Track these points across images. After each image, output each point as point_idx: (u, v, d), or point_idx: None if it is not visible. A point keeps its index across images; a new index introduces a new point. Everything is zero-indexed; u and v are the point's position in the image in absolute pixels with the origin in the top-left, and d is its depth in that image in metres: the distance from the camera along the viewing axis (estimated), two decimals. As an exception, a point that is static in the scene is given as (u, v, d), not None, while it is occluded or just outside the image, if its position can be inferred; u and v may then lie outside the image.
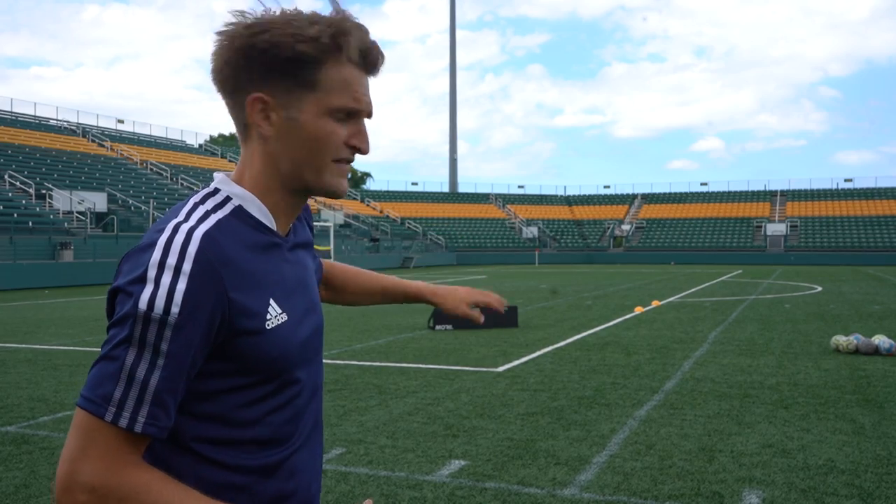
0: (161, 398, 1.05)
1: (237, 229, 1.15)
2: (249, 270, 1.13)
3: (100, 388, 1.04)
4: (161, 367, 1.05)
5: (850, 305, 17.52)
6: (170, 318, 1.04)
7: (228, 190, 1.20)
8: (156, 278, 1.05)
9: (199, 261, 1.06)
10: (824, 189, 66.45)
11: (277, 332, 1.16)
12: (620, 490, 4.54)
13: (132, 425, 1.04)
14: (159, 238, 1.08)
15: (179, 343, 1.05)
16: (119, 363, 1.04)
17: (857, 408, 6.66)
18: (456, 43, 76.40)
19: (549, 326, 13.18)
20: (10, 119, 47.28)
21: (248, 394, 1.16)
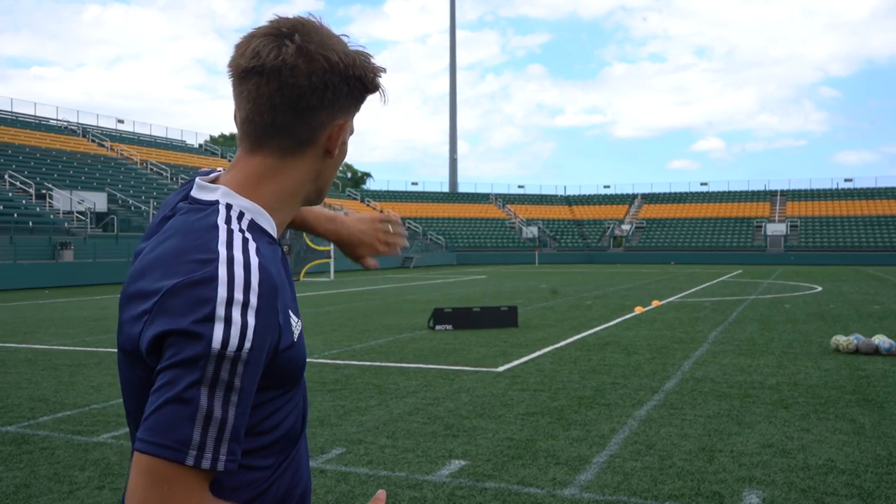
0: (237, 433, 1.05)
1: (264, 248, 1.13)
2: (283, 291, 1.14)
3: (175, 433, 1.00)
4: (236, 403, 1.03)
5: (850, 305, 17.52)
6: (243, 354, 1.03)
7: (239, 205, 1.17)
8: (226, 317, 1.02)
9: (262, 294, 1.06)
10: (824, 189, 66.44)
11: (301, 341, 1.19)
12: (620, 490, 4.54)
13: (215, 465, 1.02)
14: (218, 272, 1.04)
15: (250, 376, 1.05)
16: (193, 405, 1.01)
17: (857, 408, 6.66)
18: (456, 43, 76.49)
19: (549, 326, 13.18)
20: (10, 119, 47.27)
21: (276, 403, 1.19)
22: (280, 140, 1.17)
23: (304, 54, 1.13)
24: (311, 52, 1.13)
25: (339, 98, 1.17)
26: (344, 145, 1.24)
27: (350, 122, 1.23)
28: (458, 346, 10.53)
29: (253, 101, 1.15)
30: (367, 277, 33.81)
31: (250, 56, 1.14)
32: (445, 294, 22.39)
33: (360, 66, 1.18)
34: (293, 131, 1.17)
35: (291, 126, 1.16)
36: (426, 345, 10.77)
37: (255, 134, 1.18)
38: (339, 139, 1.20)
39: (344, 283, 29.04)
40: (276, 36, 1.14)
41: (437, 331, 12.37)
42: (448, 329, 12.49)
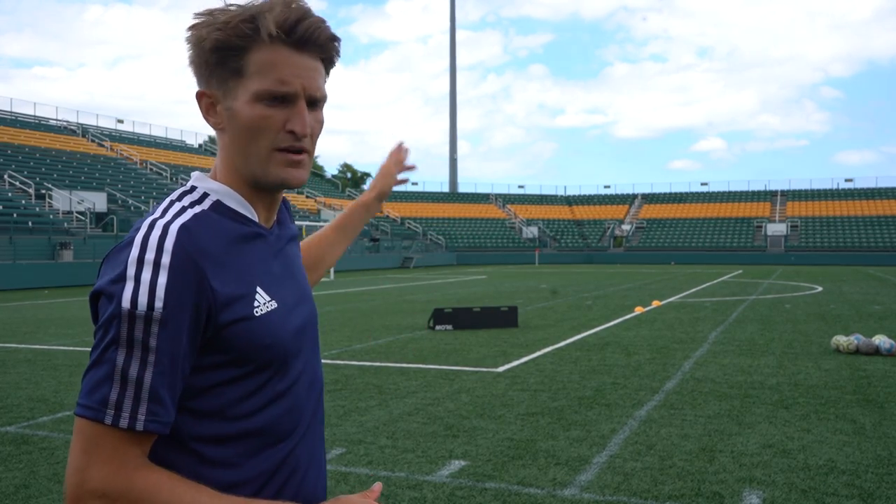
0: (157, 394, 1.04)
1: (216, 222, 1.14)
2: (232, 260, 1.12)
3: (95, 394, 1.03)
4: (153, 363, 1.04)
5: (851, 305, 17.51)
6: (154, 314, 1.03)
7: (205, 186, 1.19)
8: (135, 275, 1.04)
9: (176, 253, 1.05)
10: (825, 189, 66.43)
11: (268, 319, 1.15)
12: (620, 490, 4.53)
13: (133, 424, 1.03)
14: (136, 236, 1.08)
15: (167, 337, 1.04)
16: (110, 365, 1.03)
17: (857, 408, 6.65)
18: (456, 43, 76.51)
19: (549, 326, 13.17)
20: (10, 119, 47.26)
21: (245, 385, 1.14)
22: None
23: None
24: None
25: (196, 69, 1.17)
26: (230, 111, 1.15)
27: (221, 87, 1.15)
28: (458, 347, 10.53)
29: None
30: (367, 277, 33.82)
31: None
32: (445, 294, 22.38)
33: (196, 31, 1.15)
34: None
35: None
36: (426, 345, 10.76)
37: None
38: (204, 111, 1.18)
39: (344, 283, 29.03)
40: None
41: (437, 331, 12.37)
42: (448, 329, 12.49)
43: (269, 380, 1.17)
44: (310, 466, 1.27)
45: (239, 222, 1.17)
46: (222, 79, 1.15)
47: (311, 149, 1.20)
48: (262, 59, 1.13)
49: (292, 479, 1.22)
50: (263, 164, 1.16)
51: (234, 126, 1.15)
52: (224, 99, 1.15)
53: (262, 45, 1.13)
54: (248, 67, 1.13)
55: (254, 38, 1.12)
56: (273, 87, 1.13)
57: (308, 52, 1.16)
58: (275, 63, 1.13)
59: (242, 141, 1.16)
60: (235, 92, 1.14)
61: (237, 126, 1.15)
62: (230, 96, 1.15)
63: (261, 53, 1.13)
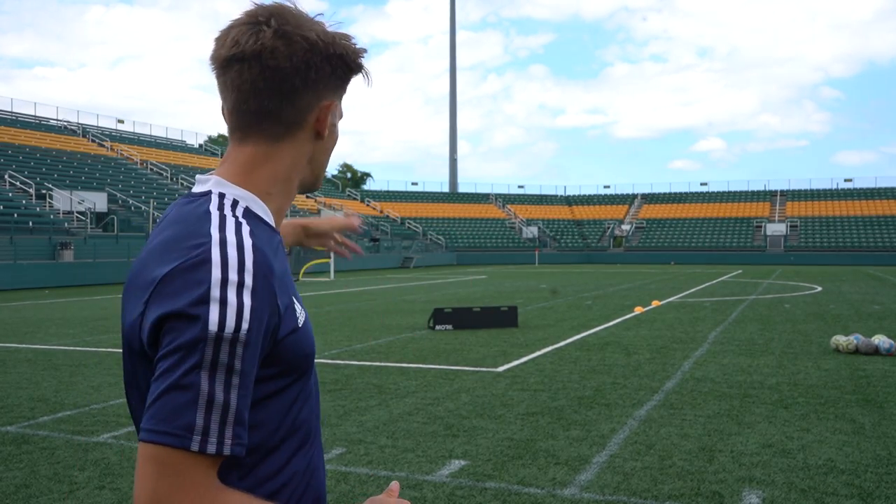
0: (241, 416, 1.04)
1: (262, 234, 1.14)
2: (280, 275, 1.13)
3: (179, 420, 0.99)
4: (237, 385, 1.03)
5: (850, 305, 17.52)
6: (241, 336, 1.02)
7: (233, 193, 1.17)
8: (221, 298, 1.01)
9: (257, 274, 1.05)
10: (824, 189, 66.44)
11: (307, 328, 1.19)
12: (620, 490, 4.54)
13: (221, 449, 1.01)
14: (211, 254, 1.04)
15: (250, 358, 1.04)
16: (195, 390, 1.00)
17: (857, 408, 6.66)
18: (456, 44, 76.45)
19: (549, 326, 13.18)
20: (11, 119, 47.27)
21: (288, 395, 1.17)
22: (268, 125, 1.17)
23: (281, 36, 1.13)
24: (288, 33, 1.14)
25: (322, 78, 1.18)
26: (334, 127, 1.25)
27: (337, 103, 1.23)
28: (458, 346, 10.53)
29: (237, 89, 1.16)
30: (367, 277, 33.82)
31: (230, 45, 1.14)
32: (445, 294, 22.38)
33: (340, 45, 1.18)
34: (280, 115, 1.17)
35: (278, 110, 1.16)
36: (426, 345, 10.77)
37: (243, 122, 1.18)
38: (326, 120, 1.21)
39: (344, 283, 29.04)
40: (252, 24, 1.14)
41: (437, 331, 12.37)
42: (448, 329, 12.49)
43: (305, 386, 1.21)
44: (320, 470, 1.29)
45: (269, 232, 1.17)
46: (340, 96, 1.24)
47: None
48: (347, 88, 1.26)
49: (315, 478, 1.25)
50: (324, 172, 1.31)
51: (332, 140, 1.26)
52: (333, 114, 1.23)
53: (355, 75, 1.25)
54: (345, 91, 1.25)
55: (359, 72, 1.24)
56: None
57: None
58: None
59: (329, 152, 1.27)
60: (338, 110, 1.25)
61: (333, 140, 1.27)
62: (336, 114, 1.24)
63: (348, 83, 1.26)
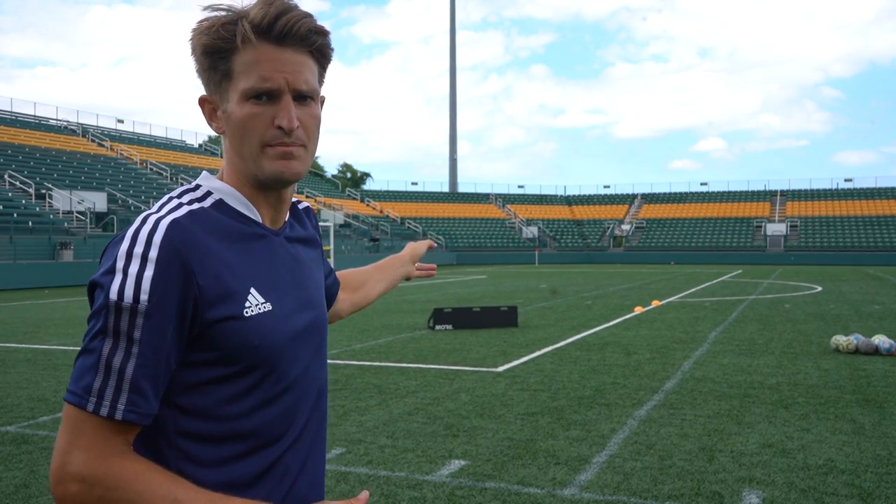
0: (138, 385, 1.07)
1: (215, 220, 1.16)
2: (224, 258, 1.13)
3: (81, 381, 1.07)
4: (136, 354, 1.06)
5: (850, 305, 17.52)
6: (139, 306, 1.06)
7: (209, 185, 1.22)
8: (124, 268, 1.07)
9: (164, 247, 1.08)
10: (824, 189, 66.42)
11: (259, 321, 1.15)
12: (620, 490, 4.54)
13: (113, 413, 1.06)
14: (129, 229, 1.11)
15: (151, 329, 1.07)
16: (96, 354, 1.07)
17: (857, 408, 6.66)
18: (456, 44, 76.44)
19: (549, 326, 13.18)
20: (10, 119, 47.26)
21: (233, 385, 1.15)
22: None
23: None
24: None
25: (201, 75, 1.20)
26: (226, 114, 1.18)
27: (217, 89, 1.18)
28: (458, 346, 10.53)
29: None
30: (367, 277, 33.79)
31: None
32: (445, 294, 22.38)
33: (193, 35, 1.18)
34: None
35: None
36: (426, 345, 10.77)
37: None
38: (207, 116, 1.22)
39: (344, 283, 29.01)
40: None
41: (437, 331, 12.37)
42: (448, 329, 12.49)
43: (260, 382, 1.17)
44: (302, 473, 1.25)
45: (240, 222, 1.19)
46: (216, 83, 1.18)
47: (306, 142, 1.19)
48: (246, 59, 1.15)
49: (281, 485, 1.21)
50: (257, 160, 1.17)
51: (230, 127, 1.18)
52: (221, 103, 1.19)
53: (246, 46, 1.14)
54: (235, 69, 1.15)
55: (241, 40, 1.14)
56: (256, 84, 1.15)
57: (291, 47, 1.16)
58: (258, 61, 1.14)
59: (237, 141, 1.18)
60: (228, 94, 1.17)
61: (232, 127, 1.18)
62: (225, 99, 1.18)
63: (245, 54, 1.15)
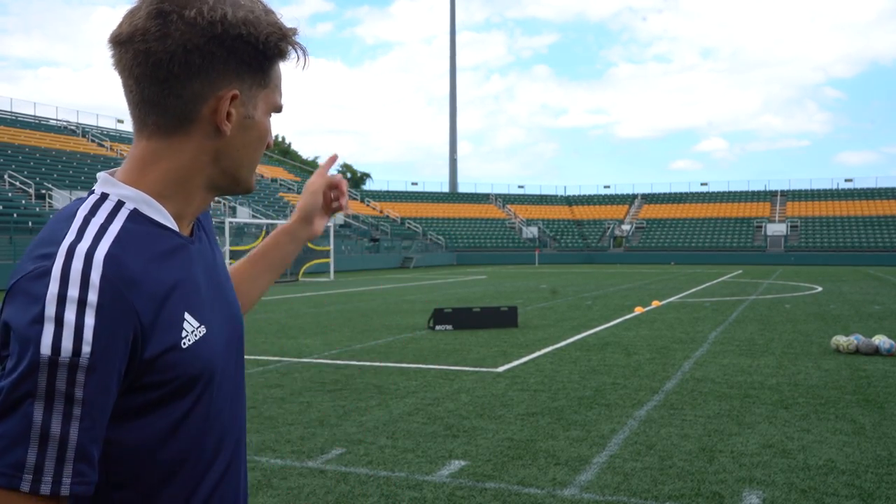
0: (84, 451, 0.91)
1: (138, 239, 0.99)
2: (159, 287, 0.99)
3: (7, 456, 0.87)
4: (79, 417, 0.90)
5: (851, 305, 17.51)
6: (81, 360, 0.89)
7: (118, 193, 1.03)
8: (57, 316, 0.89)
9: (104, 289, 0.91)
10: (824, 189, 66.41)
11: (197, 348, 1.03)
12: (620, 490, 4.53)
13: (57, 489, 0.89)
14: (53, 266, 0.92)
15: (95, 385, 0.91)
16: (25, 422, 0.88)
17: (857, 408, 6.65)
18: (456, 44, 76.45)
19: (549, 326, 13.18)
20: (10, 119, 47.28)
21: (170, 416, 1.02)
22: (156, 118, 1.04)
23: (156, 16, 0.98)
24: (164, 11, 0.98)
25: (214, 64, 1.01)
26: (249, 120, 1.07)
27: (249, 92, 1.06)
28: (458, 347, 10.53)
29: (121, 75, 1.04)
30: (367, 277, 33.82)
31: (114, 28, 1.02)
32: (445, 294, 22.38)
33: (241, 24, 1.00)
34: (164, 106, 1.02)
35: (160, 100, 1.02)
36: (426, 345, 10.77)
37: (133, 114, 1.06)
38: (223, 112, 1.04)
39: (344, 283, 29.04)
40: (135, 4, 1.02)
41: (437, 331, 12.37)
42: (448, 329, 12.49)
43: (192, 409, 1.04)
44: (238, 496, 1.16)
45: (160, 235, 1.04)
46: (250, 84, 1.06)
47: None
48: (278, 74, 1.11)
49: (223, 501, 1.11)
50: (251, 170, 1.12)
51: (247, 135, 1.08)
52: (244, 105, 1.06)
53: (282, 61, 1.10)
54: (271, 80, 1.09)
55: (280, 53, 1.08)
56: (281, 103, 1.12)
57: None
58: (281, 79, 1.12)
59: (249, 150, 1.09)
60: (256, 101, 1.08)
61: (252, 135, 1.09)
62: (251, 104, 1.07)
63: (277, 68, 1.10)
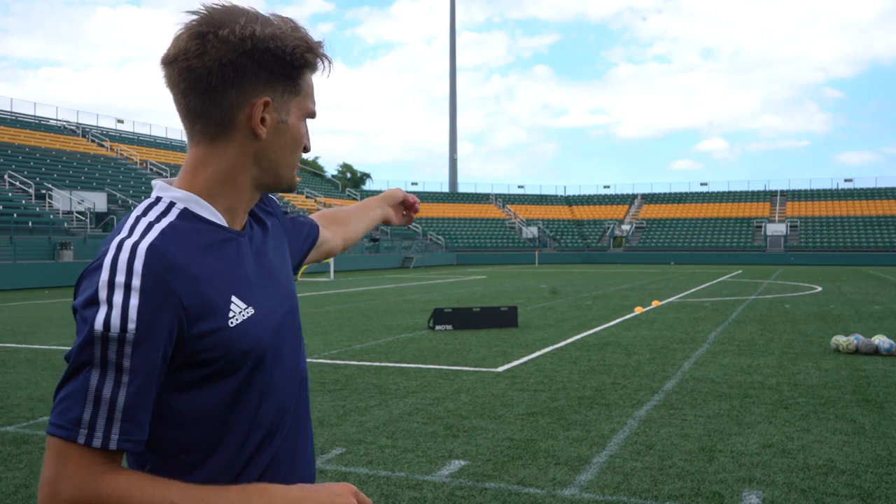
0: (132, 413, 1.08)
1: (186, 233, 1.16)
2: (203, 273, 1.14)
3: (69, 413, 1.06)
4: (126, 383, 1.07)
5: (850, 305, 17.52)
6: (127, 335, 1.06)
7: (170, 196, 1.20)
8: (108, 299, 1.07)
9: (146, 275, 1.08)
10: (824, 189, 66.41)
11: (244, 327, 1.18)
12: (620, 490, 4.54)
13: (106, 444, 1.07)
14: (105, 258, 1.10)
15: (140, 357, 1.07)
16: (84, 385, 1.06)
17: (857, 408, 6.66)
18: (456, 44, 76.46)
19: (549, 326, 13.18)
20: (10, 119, 47.25)
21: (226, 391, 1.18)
22: (201, 126, 1.19)
23: (196, 36, 1.15)
24: (203, 32, 1.14)
25: (246, 75, 1.16)
26: (283, 125, 1.21)
27: (281, 99, 1.20)
28: (458, 346, 10.53)
29: (170, 91, 1.20)
30: (367, 277, 33.82)
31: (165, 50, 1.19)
32: (445, 294, 22.38)
33: (269, 39, 1.16)
34: (207, 115, 1.18)
35: (203, 110, 1.18)
36: (426, 345, 10.77)
37: (184, 125, 1.22)
38: (258, 118, 1.18)
39: (344, 283, 29.04)
40: (180, 28, 1.17)
41: (437, 331, 12.37)
42: (448, 329, 12.49)
43: (247, 383, 1.20)
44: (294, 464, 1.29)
45: (209, 230, 1.20)
46: (282, 92, 1.20)
47: None
48: (309, 83, 1.25)
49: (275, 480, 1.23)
50: (290, 170, 1.26)
51: (282, 138, 1.22)
52: (278, 111, 1.21)
53: (310, 70, 1.24)
54: (303, 88, 1.23)
55: (311, 64, 1.22)
56: (313, 108, 1.27)
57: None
58: (312, 87, 1.26)
59: (286, 152, 1.24)
60: (289, 107, 1.22)
61: (286, 139, 1.23)
62: (284, 110, 1.21)
63: (308, 77, 1.25)
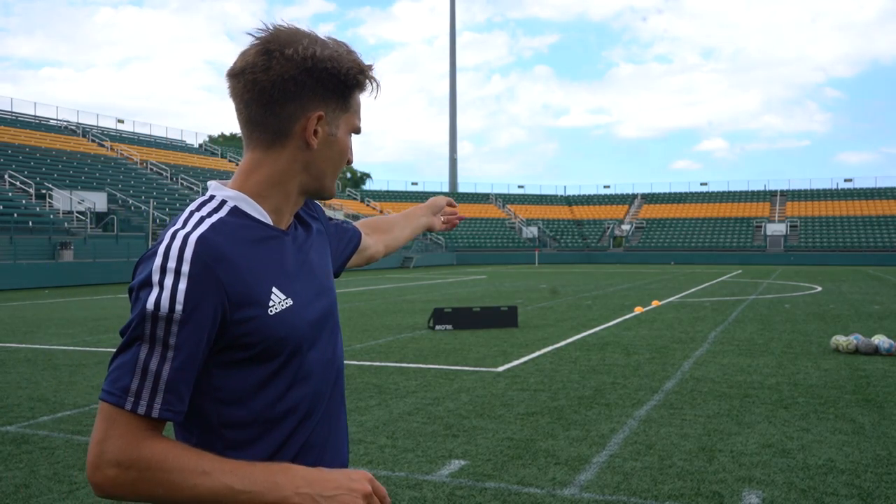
0: (174, 386, 1.21)
1: (234, 228, 1.28)
2: (247, 264, 1.27)
3: (119, 382, 1.20)
4: (171, 358, 1.20)
5: (850, 305, 17.52)
6: (175, 315, 1.19)
7: (222, 194, 1.34)
8: (159, 281, 1.20)
9: (195, 262, 1.21)
10: (824, 189, 66.41)
11: (283, 316, 1.29)
12: (620, 490, 4.54)
13: (150, 412, 1.19)
14: (160, 245, 1.23)
15: (185, 336, 1.20)
16: (134, 358, 1.20)
17: (856, 408, 6.66)
18: (456, 44, 76.45)
19: (549, 326, 13.18)
20: (11, 119, 47.24)
21: (265, 373, 1.29)
22: (258, 134, 1.32)
23: (263, 53, 1.28)
24: (270, 50, 1.28)
25: (305, 91, 1.29)
26: (332, 137, 1.35)
27: (333, 114, 1.33)
28: (458, 346, 10.53)
29: (235, 101, 1.33)
30: (367, 277, 33.83)
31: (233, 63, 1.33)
32: (445, 294, 22.39)
33: (327, 60, 1.29)
34: (266, 124, 1.31)
35: (263, 119, 1.31)
36: (426, 345, 10.77)
37: (243, 132, 1.35)
38: (311, 129, 1.31)
39: (344, 283, 29.04)
40: (250, 44, 1.31)
41: (437, 331, 12.37)
42: (448, 329, 12.49)
43: (286, 367, 1.31)
44: (325, 448, 1.41)
45: (255, 226, 1.32)
46: (334, 108, 1.34)
47: None
48: (357, 102, 1.38)
49: (307, 461, 1.34)
50: (333, 179, 1.41)
51: (331, 150, 1.36)
52: (329, 124, 1.34)
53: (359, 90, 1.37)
54: (352, 106, 1.36)
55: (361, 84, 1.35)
56: (360, 125, 1.40)
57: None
58: (360, 106, 1.39)
59: (333, 162, 1.38)
60: (339, 122, 1.35)
61: (334, 150, 1.37)
62: (334, 124, 1.34)
63: (357, 96, 1.37)
